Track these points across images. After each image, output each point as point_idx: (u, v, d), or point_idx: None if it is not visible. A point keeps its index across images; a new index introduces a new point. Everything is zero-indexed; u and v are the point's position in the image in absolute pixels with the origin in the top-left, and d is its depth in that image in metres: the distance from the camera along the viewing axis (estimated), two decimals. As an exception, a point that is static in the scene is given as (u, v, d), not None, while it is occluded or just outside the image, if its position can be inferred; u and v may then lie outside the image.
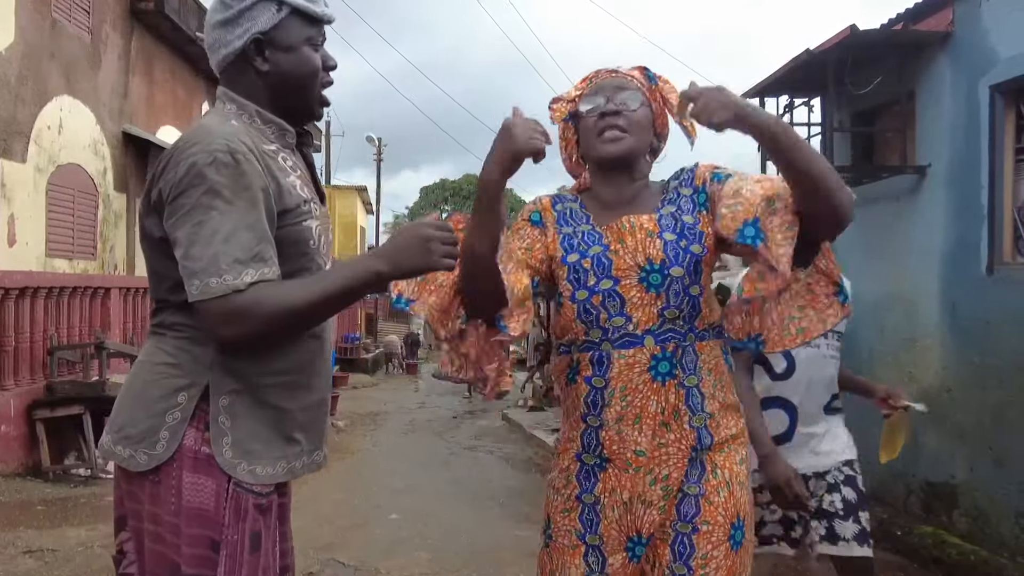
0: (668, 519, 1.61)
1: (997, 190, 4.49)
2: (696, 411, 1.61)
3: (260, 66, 1.49)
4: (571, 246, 1.68)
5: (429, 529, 5.12)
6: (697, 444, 1.61)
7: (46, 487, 5.89)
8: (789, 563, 4.60)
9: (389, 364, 20.49)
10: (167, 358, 1.46)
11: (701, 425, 1.61)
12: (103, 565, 4.23)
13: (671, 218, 1.66)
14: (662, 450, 1.60)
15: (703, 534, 1.59)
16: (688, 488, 1.62)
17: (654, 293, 1.60)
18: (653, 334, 1.59)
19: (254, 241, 1.37)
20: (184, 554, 1.42)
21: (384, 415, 11.58)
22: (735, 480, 1.63)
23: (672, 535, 1.60)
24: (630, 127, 1.68)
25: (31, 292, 6.37)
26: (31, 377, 6.38)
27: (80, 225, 8.90)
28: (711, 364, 1.64)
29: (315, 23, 1.53)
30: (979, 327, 4.56)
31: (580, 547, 1.65)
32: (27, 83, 7.72)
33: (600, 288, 1.63)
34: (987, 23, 4.56)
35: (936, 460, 4.92)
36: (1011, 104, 4.50)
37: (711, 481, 1.61)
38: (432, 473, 7.21)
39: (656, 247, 1.62)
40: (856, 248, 5.78)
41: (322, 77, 1.56)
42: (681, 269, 1.60)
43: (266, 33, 1.48)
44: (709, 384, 1.63)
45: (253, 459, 1.45)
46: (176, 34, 10.71)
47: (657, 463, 1.61)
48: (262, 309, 1.35)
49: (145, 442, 1.43)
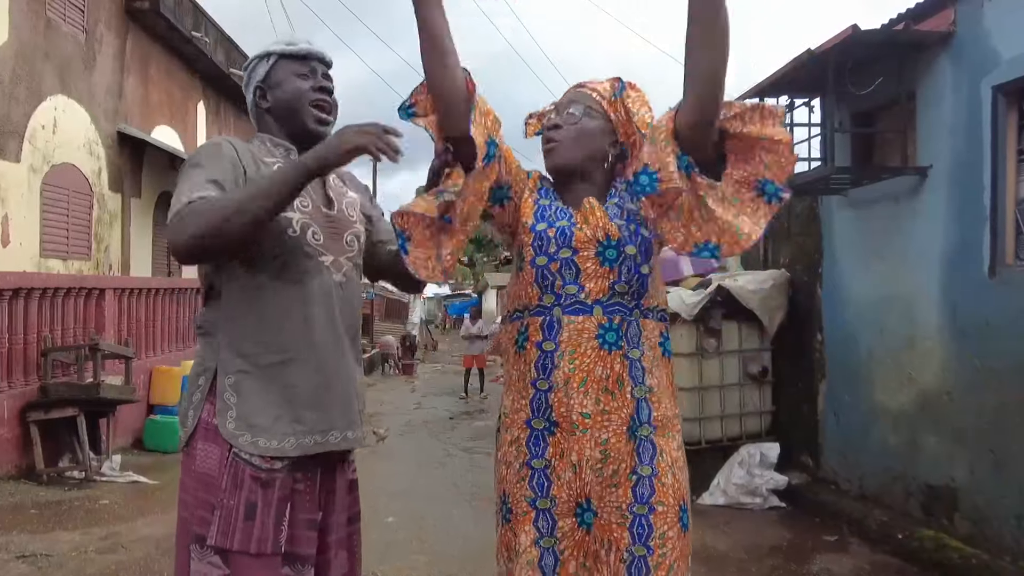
0: (625, 502, 1.68)
1: (999, 191, 4.47)
2: (638, 382, 1.72)
3: (264, 105, 1.88)
4: (542, 216, 1.80)
5: (426, 532, 5.09)
6: (636, 414, 1.71)
7: (40, 490, 5.84)
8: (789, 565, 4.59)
9: (385, 365, 20.44)
10: (198, 351, 1.82)
11: (642, 396, 1.72)
12: (97, 569, 4.18)
13: (616, 207, 1.79)
14: (605, 416, 1.70)
15: (659, 514, 1.67)
16: (641, 469, 1.69)
17: (608, 267, 1.72)
18: (602, 304, 1.71)
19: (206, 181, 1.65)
20: (195, 515, 1.68)
21: (380, 416, 11.53)
22: (676, 465, 1.74)
23: (631, 518, 1.67)
24: (565, 138, 1.79)
25: (25, 293, 6.31)
26: (25, 379, 6.33)
27: (74, 225, 8.85)
28: (652, 342, 1.75)
29: (302, 60, 1.86)
30: (980, 329, 4.54)
31: (531, 513, 1.73)
32: (21, 82, 7.67)
33: (559, 256, 1.74)
34: (989, 23, 4.53)
35: (936, 463, 4.89)
36: (1013, 105, 4.48)
37: (661, 463, 1.71)
38: (429, 474, 7.17)
39: (615, 226, 1.75)
40: (856, 249, 5.76)
41: (308, 96, 1.84)
42: (635, 248, 1.73)
43: (264, 80, 1.87)
44: (649, 359, 1.74)
45: (257, 432, 1.68)
46: (172, 33, 10.66)
47: (600, 428, 1.70)
48: (196, 212, 1.57)
49: (184, 423, 1.77)
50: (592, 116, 1.80)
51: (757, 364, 6.43)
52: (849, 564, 4.68)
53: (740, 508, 5.82)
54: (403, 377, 19.23)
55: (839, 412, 5.93)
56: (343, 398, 1.79)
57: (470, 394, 14.28)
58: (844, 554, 4.88)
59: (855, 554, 4.87)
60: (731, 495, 5.92)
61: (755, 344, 6.44)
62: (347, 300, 1.84)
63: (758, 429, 6.45)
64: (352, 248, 1.88)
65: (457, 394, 14.48)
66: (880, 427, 5.45)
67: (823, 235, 6.17)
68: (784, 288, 6.42)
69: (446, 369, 21.15)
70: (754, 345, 6.44)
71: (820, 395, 6.16)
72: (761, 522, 5.55)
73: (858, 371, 5.69)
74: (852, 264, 5.80)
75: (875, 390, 5.50)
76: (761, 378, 6.44)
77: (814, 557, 4.79)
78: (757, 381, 6.45)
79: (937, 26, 4.88)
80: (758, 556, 4.76)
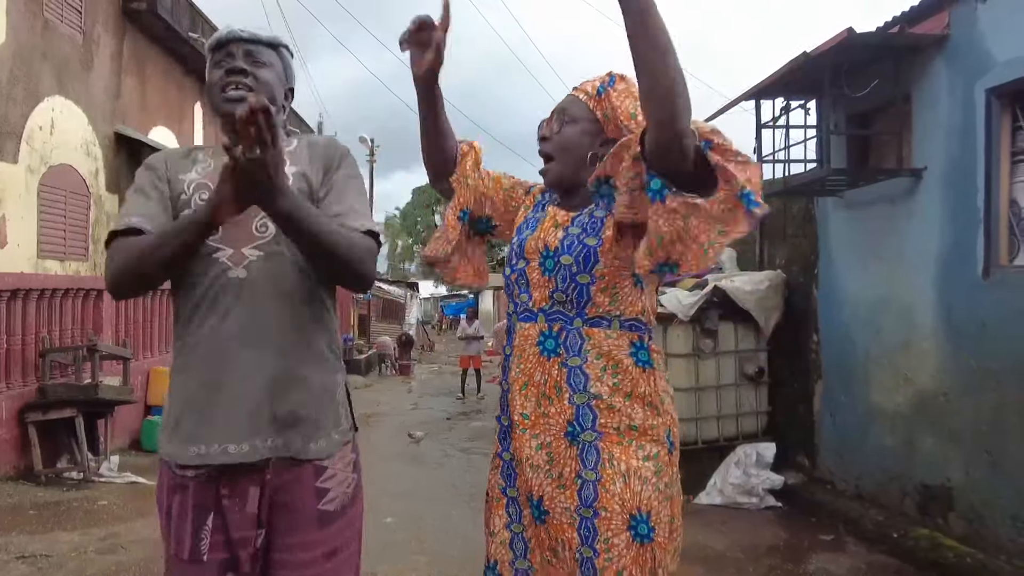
0: (572, 504, 1.70)
1: (993, 193, 4.50)
2: (578, 390, 1.72)
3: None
4: (520, 229, 1.92)
5: (425, 532, 5.11)
6: (575, 420, 1.72)
7: (38, 491, 5.84)
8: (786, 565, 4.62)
9: (382, 365, 20.43)
10: None
11: (583, 403, 1.72)
12: (97, 570, 4.20)
13: (587, 215, 1.79)
14: (544, 419, 1.75)
15: (602, 519, 1.67)
16: (585, 474, 1.70)
17: (547, 276, 1.77)
18: (544, 312, 1.77)
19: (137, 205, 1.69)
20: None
21: (378, 416, 11.55)
22: (634, 474, 1.68)
23: (578, 519, 1.69)
24: (553, 153, 1.86)
25: (23, 294, 6.32)
26: (23, 380, 6.33)
27: (72, 226, 8.85)
28: (603, 349, 1.73)
29: (219, 48, 1.77)
30: (975, 330, 4.57)
31: (503, 499, 1.86)
32: (19, 83, 7.67)
33: (517, 267, 1.85)
34: (983, 26, 4.57)
35: (932, 463, 4.93)
36: (1007, 107, 4.51)
37: (607, 470, 1.69)
38: (427, 475, 7.19)
39: (555, 237, 1.79)
40: (852, 250, 5.79)
41: (219, 83, 1.74)
42: (570, 257, 1.74)
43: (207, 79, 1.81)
44: (596, 367, 1.72)
45: (166, 436, 1.67)
46: (169, 34, 10.65)
47: (541, 429, 1.75)
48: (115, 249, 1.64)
49: None
50: (575, 122, 1.82)
51: (753, 365, 6.46)
52: (845, 563, 4.71)
53: (737, 508, 5.84)
54: (400, 377, 19.23)
55: (835, 412, 5.96)
56: (243, 407, 1.60)
57: (467, 395, 14.29)
58: (840, 553, 4.91)
59: (851, 553, 4.90)
60: (728, 495, 5.94)
61: (751, 345, 6.47)
62: (255, 295, 1.62)
63: (754, 429, 6.48)
64: (264, 235, 1.66)
65: (454, 395, 14.49)
66: (876, 427, 5.48)
67: (819, 236, 6.20)
68: (780, 289, 6.45)
69: (443, 370, 21.15)
70: (750, 346, 6.47)
71: (816, 395, 6.19)
72: (758, 522, 5.58)
73: (854, 371, 5.72)
74: (848, 265, 5.83)
75: (871, 390, 5.53)
76: (757, 378, 6.47)
77: (810, 557, 4.82)
78: (753, 381, 6.47)
79: (932, 29, 4.91)
80: (755, 556, 4.79)
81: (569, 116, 1.84)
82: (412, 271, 53.01)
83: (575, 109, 1.83)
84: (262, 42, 1.77)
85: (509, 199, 2.03)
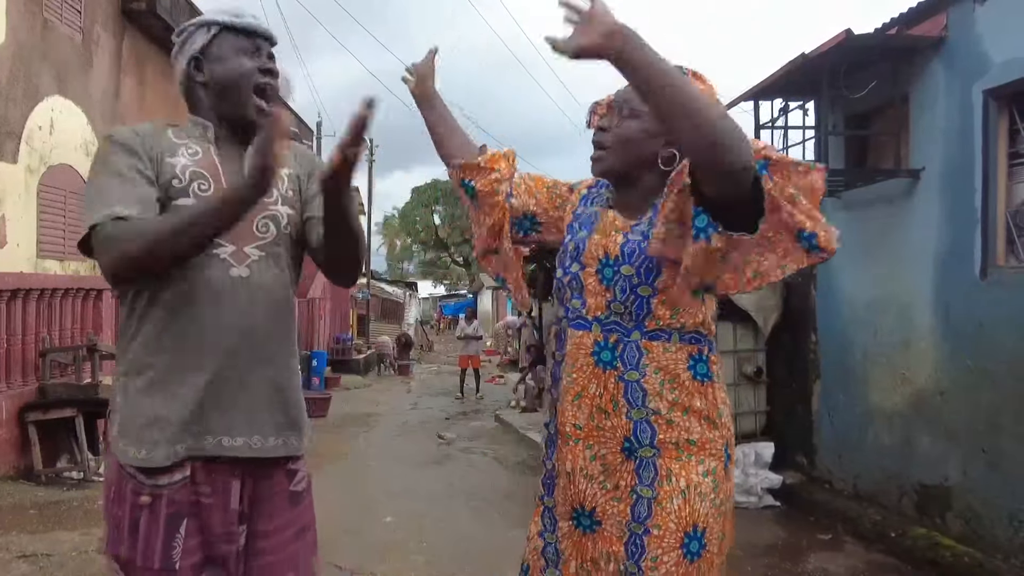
0: (624, 518, 1.66)
1: (990, 194, 4.52)
2: (636, 405, 1.66)
3: (199, 78, 1.72)
4: (572, 228, 1.84)
5: (424, 532, 5.12)
6: (633, 436, 1.66)
7: (38, 490, 5.85)
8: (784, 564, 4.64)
9: (381, 365, 20.45)
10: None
11: (641, 419, 1.66)
12: (98, 569, 4.20)
13: (647, 223, 1.70)
14: (599, 432, 1.68)
15: (654, 537, 1.61)
16: (641, 490, 1.65)
17: (605, 285, 1.69)
18: (600, 322, 1.69)
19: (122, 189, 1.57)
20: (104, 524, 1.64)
21: (377, 416, 11.56)
22: (693, 489, 1.63)
23: (628, 535, 1.64)
24: (609, 144, 1.76)
25: (23, 294, 6.32)
26: (23, 379, 6.34)
27: (71, 226, 8.84)
28: (661, 364, 1.66)
29: (248, 35, 1.72)
30: (972, 330, 4.59)
31: (540, 507, 1.82)
32: (18, 83, 7.67)
33: (570, 270, 1.77)
34: (981, 28, 4.59)
35: (929, 462, 4.95)
36: (1004, 108, 4.53)
37: (664, 487, 1.63)
38: (426, 475, 7.21)
39: (615, 243, 1.70)
40: (850, 251, 5.80)
41: (255, 79, 1.69)
42: (631, 268, 1.67)
43: (202, 51, 1.71)
44: (655, 382, 1.66)
45: (129, 441, 1.59)
46: (168, 34, 10.62)
47: (595, 440, 1.69)
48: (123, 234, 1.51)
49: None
50: (636, 116, 1.71)
51: (752, 364, 6.48)
52: (843, 563, 4.73)
53: (735, 507, 5.85)
54: (399, 377, 19.24)
55: (833, 412, 5.98)
56: (245, 402, 1.63)
57: (466, 394, 14.31)
58: (838, 553, 4.93)
59: (849, 553, 4.92)
60: (726, 494, 5.96)
61: (750, 345, 6.49)
62: (255, 296, 1.65)
63: (753, 429, 6.50)
64: (266, 235, 1.68)
65: (453, 395, 14.50)
66: (874, 427, 5.50)
67: (817, 237, 6.21)
68: (779, 289, 6.47)
69: (442, 370, 21.16)
70: (749, 346, 6.49)
71: (815, 395, 6.21)
72: (756, 521, 5.59)
73: (852, 371, 5.74)
74: (846, 265, 5.85)
75: (869, 390, 5.55)
76: (756, 378, 6.49)
77: (809, 556, 4.84)
78: (752, 381, 6.49)
79: (930, 31, 4.93)
80: (753, 555, 4.80)
81: (630, 109, 1.72)
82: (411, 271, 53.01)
83: (638, 103, 1.68)
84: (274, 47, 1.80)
85: (554, 196, 1.95)
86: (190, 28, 1.74)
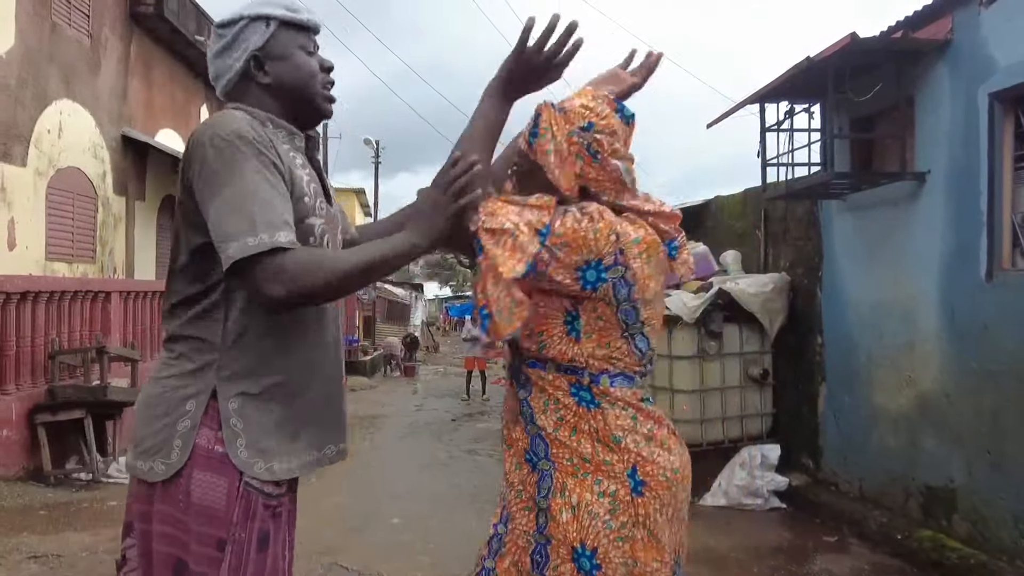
0: (530, 528, 1.72)
1: (996, 197, 4.52)
2: (529, 421, 1.76)
3: (262, 80, 1.58)
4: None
5: (430, 533, 5.14)
6: (530, 449, 1.75)
7: (48, 491, 5.90)
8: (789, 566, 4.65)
9: (387, 366, 20.48)
10: (173, 371, 1.54)
11: (535, 434, 1.75)
12: (108, 570, 4.23)
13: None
14: (514, 443, 1.80)
15: (553, 546, 1.68)
16: (540, 501, 1.72)
17: None
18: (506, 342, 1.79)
19: (282, 207, 1.42)
20: (192, 552, 1.47)
21: (383, 418, 11.59)
22: (584, 507, 1.66)
23: (532, 545, 1.71)
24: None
25: (32, 296, 6.38)
26: (32, 381, 6.39)
27: (79, 228, 8.91)
28: (543, 387, 1.73)
29: (304, 30, 1.62)
30: (978, 332, 4.59)
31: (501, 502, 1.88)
32: (27, 87, 7.73)
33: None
34: (986, 31, 4.59)
35: (935, 464, 4.95)
36: (1010, 111, 4.53)
37: (556, 499, 1.69)
38: (432, 476, 7.23)
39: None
40: (856, 253, 5.82)
41: (321, 77, 1.64)
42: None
43: (261, 49, 1.57)
44: (539, 402, 1.74)
45: (269, 457, 1.51)
46: (175, 37, 10.71)
47: (514, 450, 1.80)
48: (302, 268, 1.39)
49: (161, 453, 1.50)
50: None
51: (758, 366, 6.49)
52: (849, 564, 4.74)
53: (741, 509, 5.87)
54: (405, 378, 19.27)
55: (839, 414, 5.98)
56: (340, 411, 1.70)
57: (472, 396, 14.32)
58: (844, 554, 4.93)
59: (855, 555, 4.93)
60: (732, 496, 5.97)
61: (756, 347, 6.50)
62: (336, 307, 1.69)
63: (759, 431, 6.51)
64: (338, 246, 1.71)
65: (459, 396, 14.52)
66: (879, 429, 5.50)
67: (823, 239, 6.23)
68: (784, 291, 6.48)
69: (447, 371, 21.18)
70: (755, 348, 6.50)
71: (820, 397, 6.22)
72: (762, 523, 5.61)
73: (858, 373, 5.74)
74: (851, 268, 5.86)
75: (874, 392, 5.55)
76: (762, 380, 6.50)
77: (814, 557, 4.85)
78: (758, 383, 6.50)
79: (935, 34, 4.94)
80: (759, 556, 4.82)
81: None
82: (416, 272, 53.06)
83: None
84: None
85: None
86: (242, 23, 1.57)
